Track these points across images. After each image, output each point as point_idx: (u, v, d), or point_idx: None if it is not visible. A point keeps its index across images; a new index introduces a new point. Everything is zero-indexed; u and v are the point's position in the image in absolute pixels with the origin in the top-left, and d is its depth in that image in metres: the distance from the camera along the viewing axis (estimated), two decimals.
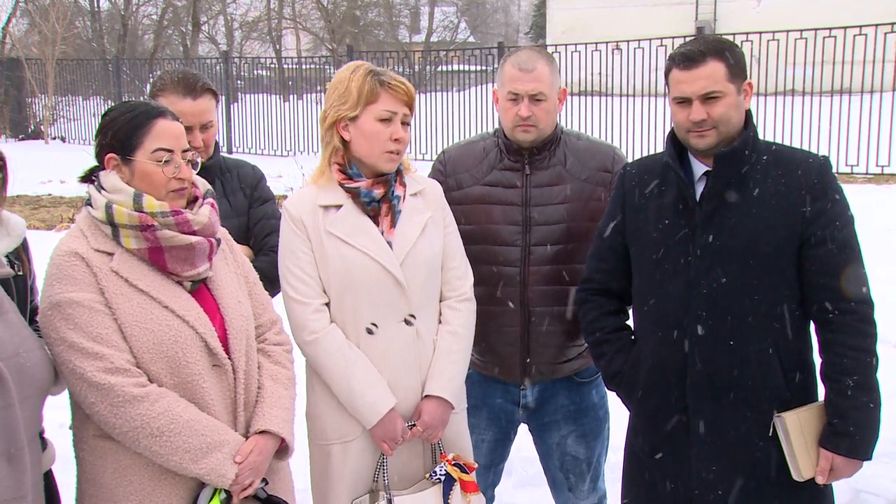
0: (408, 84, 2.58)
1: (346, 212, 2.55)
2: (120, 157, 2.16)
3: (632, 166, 2.67)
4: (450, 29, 33.05)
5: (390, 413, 2.52)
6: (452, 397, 2.61)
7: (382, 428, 2.52)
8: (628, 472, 2.69)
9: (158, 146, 2.15)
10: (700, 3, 18.32)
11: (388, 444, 2.54)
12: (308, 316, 2.51)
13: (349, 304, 2.53)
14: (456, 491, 2.60)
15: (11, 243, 2.25)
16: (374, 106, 2.51)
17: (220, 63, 17.58)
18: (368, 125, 2.52)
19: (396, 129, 2.53)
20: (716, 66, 2.36)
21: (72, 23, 24.84)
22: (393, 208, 2.58)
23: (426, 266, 2.59)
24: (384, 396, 2.51)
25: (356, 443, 2.56)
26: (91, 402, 2.05)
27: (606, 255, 2.65)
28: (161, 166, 2.15)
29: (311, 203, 2.56)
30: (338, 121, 2.55)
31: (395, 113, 2.53)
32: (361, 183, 2.55)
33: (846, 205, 2.41)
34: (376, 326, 2.53)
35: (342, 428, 2.56)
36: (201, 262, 2.20)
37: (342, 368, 2.50)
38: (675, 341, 2.45)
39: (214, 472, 2.11)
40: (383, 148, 2.53)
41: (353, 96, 2.51)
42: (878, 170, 11.33)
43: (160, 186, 2.16)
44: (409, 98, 2.57)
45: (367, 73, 2.53)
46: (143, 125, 2.16)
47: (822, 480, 2.40)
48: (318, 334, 2.51)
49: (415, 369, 2.58)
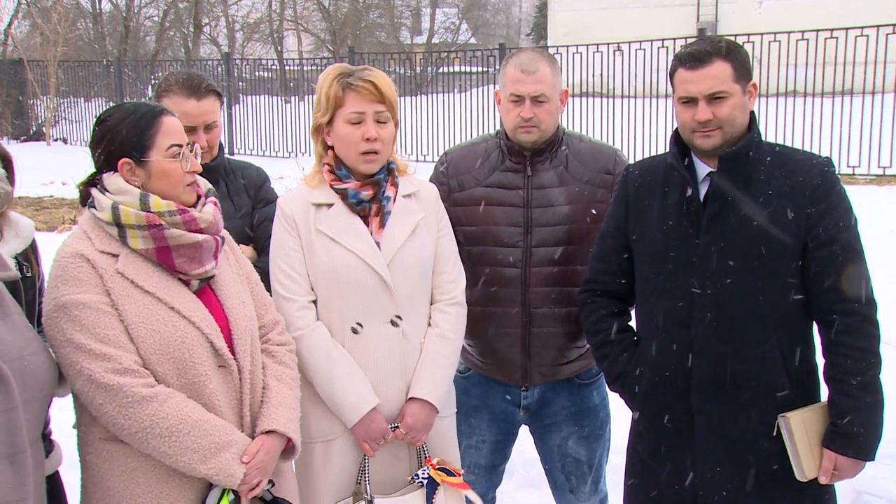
0: (375, 81, 2.52)
1: (337, 211, 2.56)
2: (133, 160, 2.15)
3: (635, 167, 2.67)
4: (451, 30, 33.01)
5: (372, 413, 2.52)
6: (437, 401, 2.60)
7: (363, 427, 2.52)
8: (631, 473, 2.69)
9: (171, 142, 2.17)
10: (702, 4, 18.29)
11: (369, 445, 2.54)
12: (294, 312, 2.52)
13: (336, 302, 2.54)
14: (439, 495, 2.59)
15: (20, 245, 2.26)
16: (342, 109, 2.53)
17: (221, 64, 17.55)
18: (340, 129, 2.54)
19: (368, 128, 2.52)
20: (722, 67, 2.37)
21: (74, 24, 24.84)
22: (382, 209, 2.58)
23: (415, 268, 2.59)
24: (366, 396, 2.51)
25: (338, 442, 2.56)
26: (99, 403, 2.05)
27: (609, 256, 2.65)
28: (179, 161, 2.17)
29: (304, 201, 2.57)
30: (319, 127, 2.58)
31: (364, 113, 2.52)
32: (349, 184, 2.56)
33: (849, 206, 2.42)
34: (361, 326, 2.54)
35: (324, 426, 2.56)
36: (208, 261, 2.20)
37: (325, 366, 2.51)
38: (679, 342, 2.45)
39: (223, 472, 2.11)
40: (357, 149, 2.53)
41: (323, 102, 2.55)
42: (879, 171, 11.29)
43: (178, 182, 2.18)
44: (380, 95, 2.53)
45: (334, 78, 2.54)
46: (151, 125, 2.16)
47: (825, 481, 2.40)
48: (303, 331, 2.52)
49: (400, 371, 2.58)
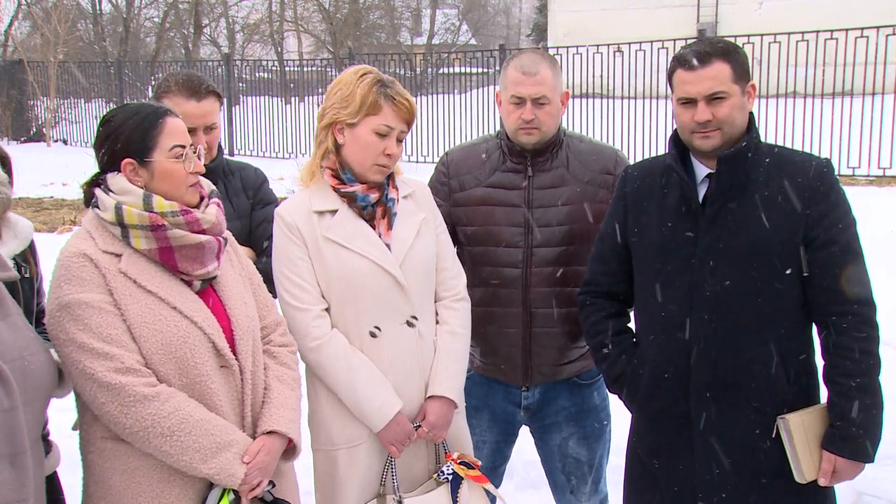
0: (412, 102, 2.55)
1: (342, 216, 2.54)
2: (137, 160, 2.15)
3: (634, 168, 2.67)
4: (451, 31, 33.02)
5: (398, 416, 2.52)
6: (456, 396, 2.62)
7: (391, 431, 2.52)
8: (630, 474, 2.69)
9: (174, 143, 2.17)
10: (701, 5, 18.29)
11: (395, 447, 2.54)
12: (309, 322, 2.51)
13: (351, 308, 2.53)
14: (464, 489, 2.61)
15: (19, 246, 2.27)
16: (374, 118, 2.50)
17: (221, 65, 17.56)
18: (365, 135, 2.51)
19: (391, 144, 2.52)
20: (721, 68, 2.37)
21: (74, 25, 24.84)
22: (388, 211, 2.58)
23: (424, 267, 2.60)
24: (391, 399, 2.52)
25: (363, 447, 2.56)
26: (101, 402, 2.06)
27: (608, 257, 2.65)
28: (182, 162, 2.17)
29: (306, 209, 2.55)
30: (335, 123, 2.54)
31: (393, 129, 2.52)
32: (357, 187, 2.55)
33: (849, 207, 2.41)
34: (380, 329, 2.54)
35: (348, 433, 2.56)
36: (210, 261, 2.21)
37: (346, 374, 2.50)
38: (678, 344, 2.45)
39: (224, 472, 2.12)
40: (375, 161, 2.52)
41: (355, 103, 2.49)
42: (879, 172, 11.28)
43: (181, 183, 2.18)
44: (410, 116, 2.55)
45: (374, 83, 2.50)
46: (154, 126, 2.16)
47: (825, 482, 2.40)
48: (321, 340, 2.50)
49: (419, 370, 2.59)
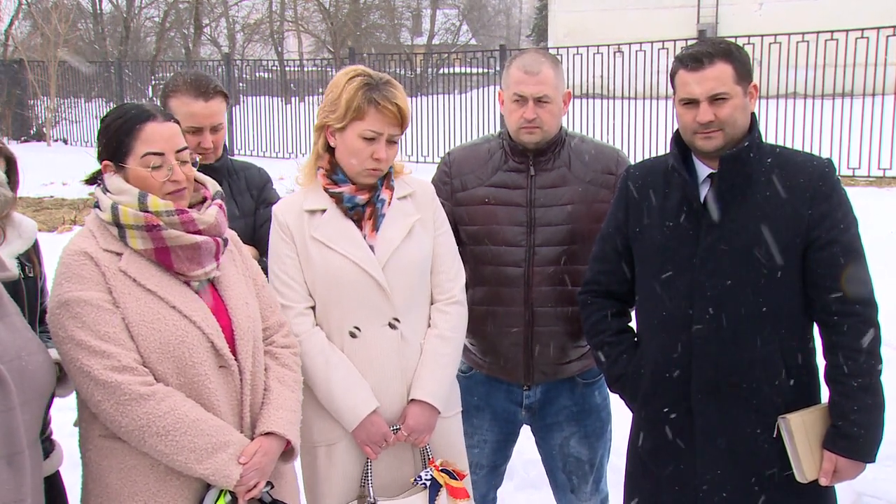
0: (400, 105, 2.50)
1: (330, 216, 2.55)
2: (114, 164, 2.16)
3: (635, 168, 2.67)
4: (451, 31, 33.02)
5: (372, 416, 2.51)
6: (438, 402, 2.59)
7: (364, 431, 2.52)
8: (631, 474, 2.70)
9: (147, 151, 2.14)
10: (702, 6, 18.31)
11: (371, 448, 2.54)
12: (291, 319, 2.52)
13: (334, 308, 2.54)
14: (442, 496, 2.58)
15: (23, 245, 2.27)
16: (359, 123, 2.48)
17: (222, 65, 17.57)
18: (351, 140, 2.50)
19: (379, 148, 2.49)
20: (724, 68, 2.37)
21: (74, 25, 24.83)
22: (376, 212, 2.57)
23: (412, 269, 2.58)
24: (365, 399, 2.51)
25: (340, 446, 2.57)
26: (97, 400, 2.06)
27: (609, 257, 2.65)
28: (151, 171, 2.14)
29: (298, 208, 2.57)
30: (326, 126, 2.55)
31: (381, 133, 2.49)
32: (345, 188, 2.55)
33: (850, 207, 2.42)
34: (359, 330, 2.54)
35: (326, 431, 2.56)
36: (208, 262, 2.20)
37: (323, 371, 2.51)
38: (679, 344, 2.45)
39: (219, 473, 2.11)
40: (363, 165, 2.52)
41: (341, 108, 2.49)
42: (879, 173, 11.29)
43: (155, 191, 2.15)
44: (399, 120, 2.50)
45: (359, 87, 2.47)
46: (130, 131, 2.14)
47: (826, 482, 2.40)
48: (301, 337, 2.52)
49: (400, 373, 2.58)
